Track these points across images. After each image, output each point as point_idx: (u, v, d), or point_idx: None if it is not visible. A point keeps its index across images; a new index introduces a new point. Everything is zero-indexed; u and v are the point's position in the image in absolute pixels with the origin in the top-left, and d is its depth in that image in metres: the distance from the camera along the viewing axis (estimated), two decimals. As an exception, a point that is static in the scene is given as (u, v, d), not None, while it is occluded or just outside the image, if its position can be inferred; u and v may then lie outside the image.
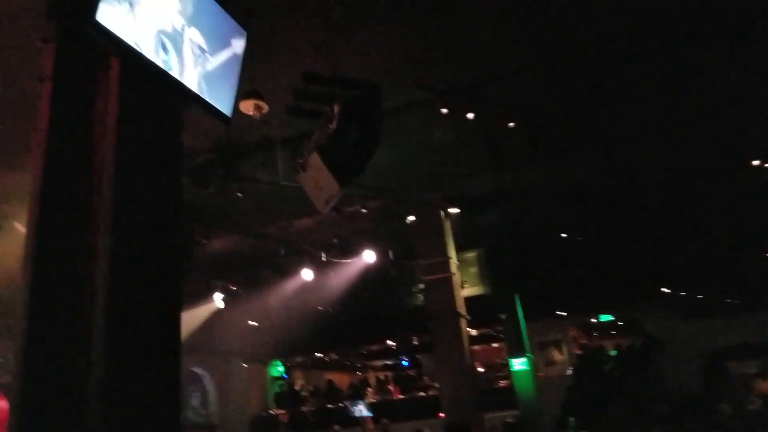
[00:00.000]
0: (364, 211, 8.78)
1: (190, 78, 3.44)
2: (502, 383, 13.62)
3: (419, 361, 16.73)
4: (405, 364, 17.49)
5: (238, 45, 3.92)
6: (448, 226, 9.41)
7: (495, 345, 15.39)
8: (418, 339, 15.63)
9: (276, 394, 15.80)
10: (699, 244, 10.76)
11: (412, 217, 9.49)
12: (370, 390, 15.51)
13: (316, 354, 17.16)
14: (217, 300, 11.67)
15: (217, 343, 13.35)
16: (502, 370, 14.37)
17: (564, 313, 13.86)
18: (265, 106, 4.98)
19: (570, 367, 12.68)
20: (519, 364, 12.89)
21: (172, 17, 3.31)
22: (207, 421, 13.84)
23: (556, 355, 13.81)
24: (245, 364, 15.39)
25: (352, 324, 13.74)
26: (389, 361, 18.22)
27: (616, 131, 7.45)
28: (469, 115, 6.27)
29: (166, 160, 3.23)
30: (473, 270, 9.97)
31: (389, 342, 16.39)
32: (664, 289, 12.51)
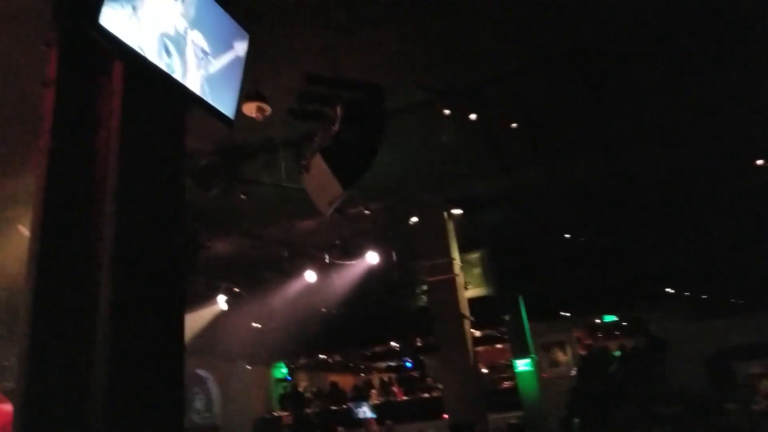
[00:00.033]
0: (367, 212, 8.78)
1: (193, 81, 3.44)
2: (506, 384, 13.62)
3: (423, 362, 16.74)
4: (409, 365, 17.49)
5: (240, 47, 3.93)
6: (451, 227, 9.39)
7: (499, 346, 15.41)
8: (421, 340, 15.67)
9: (280, 395, 15.82)
10: (703, 244, 10.73)
11: (415, 219, 9.49)
12: (373, 391, 15.52)
13: (320, 356, 17.21)
14: (221, 302, 11.69)
15: (220, 346, 13.36)
16: (506, 371, 14.38)
17: (568, 314, 13.85)
18: (268, 108, 4.98)
19: (574, 368, 12.66)
20: (523, 365, 12.89)
21: (175, 20, 3.32)
22: (211, 423, 13.84)
23: (560, 355, 13.79)
24: (249, 366, 15.41)
25: (356, 326, 13.76)
26: (393, 363, 18.24)
27: (617, 131, 7.43)
28: (471, 116, 6.27)
29: (169, 163, 3.24)
30: (477, 271, 9.93)
31: (393, 343, 16.42)
32: (668, 289, 12.48)
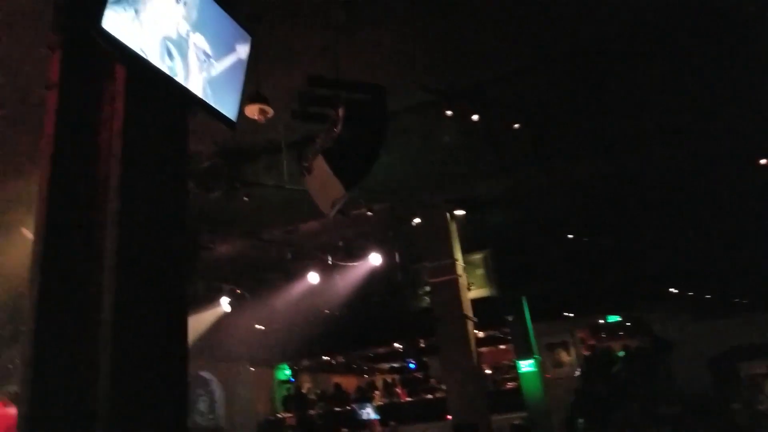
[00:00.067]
0: (369, 213, 8.78)
1: (196, 83, 3.45)
2: (509, 385, 13.59)
3: (426, 363, 16.69)
4: (412, 366, 17.44)
5: (242, 50, 3.93)
6: (454, 228, 9.38)
7: (502, 347, 15.37)
8: (425, 341, 15.61)
9: (283, 397, 15.83)
10: (705, 243, 10.71)
11: (417, 220, 9.49)
12: (377, 393, 15.51)
13: (323, 357, 17.18)
14: (224, 304, 11.70)
15: (224, 347, 13.37)
16: (509, 371, 14.36)
17: (571, 314, 13.82)
18: (270, 111, 4.98)
19: (578, 369, 12.63)
20: (526, 365, 12.86)
21: (177, 23, 3.33)
22: (214, 425, 13.86)
23: (563, 356, 13.77)
24: (252, 368, 15.43)
25: (359, 327, 13.75)
26: (396, 364, 18.20)
27: (617, 131, 7.43)
28: (473, 116, 6.27)
29: (171, 165, 3.25)
30: (480, 272, 9.91)
31: (396, 345, 16.38)
32: (672, 289, 12.45)
